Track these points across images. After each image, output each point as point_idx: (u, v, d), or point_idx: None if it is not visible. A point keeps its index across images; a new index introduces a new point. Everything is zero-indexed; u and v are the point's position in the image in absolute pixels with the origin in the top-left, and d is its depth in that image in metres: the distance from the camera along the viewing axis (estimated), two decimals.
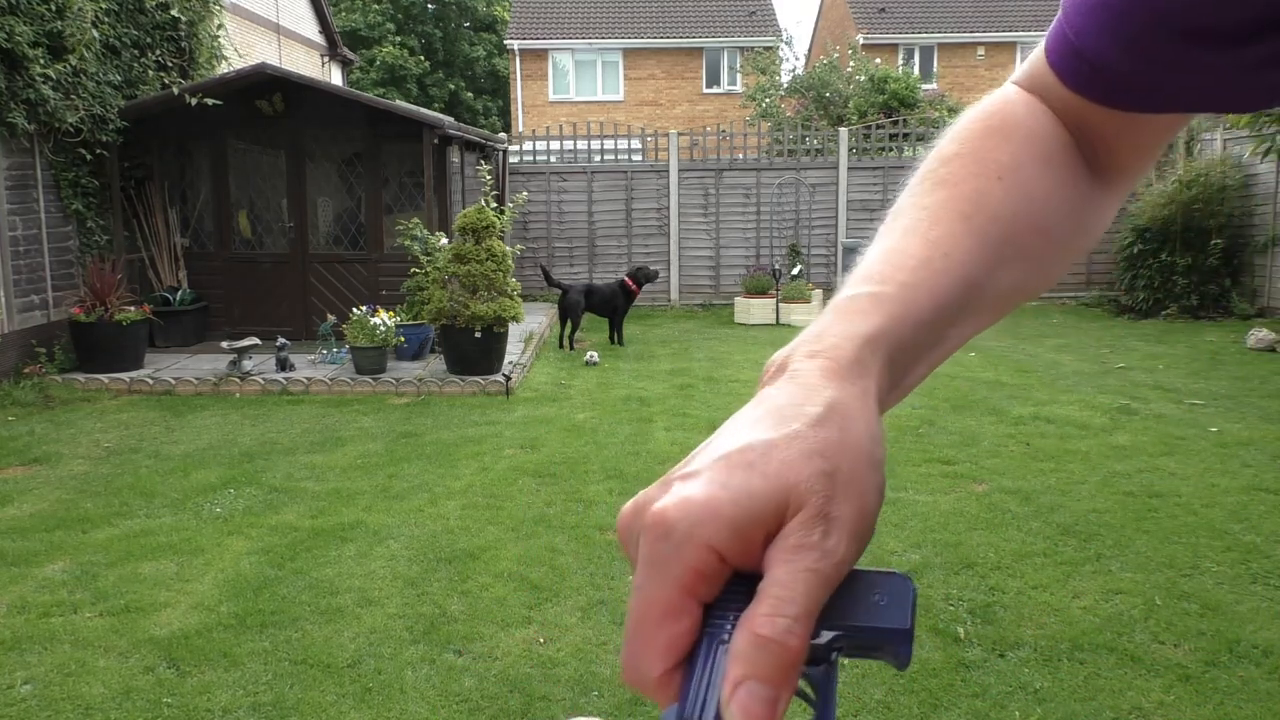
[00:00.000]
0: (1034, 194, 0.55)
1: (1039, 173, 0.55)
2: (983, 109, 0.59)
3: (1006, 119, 0.57)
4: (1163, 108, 0.56)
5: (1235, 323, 11.32)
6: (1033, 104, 0.59)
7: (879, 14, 26.70)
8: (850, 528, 0.37)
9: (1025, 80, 0.61)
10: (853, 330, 0.43)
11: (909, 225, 0.51)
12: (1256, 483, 5.30)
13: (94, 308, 8.23)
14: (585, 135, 13.77)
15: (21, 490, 5.39)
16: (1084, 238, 0.60)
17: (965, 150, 0.55)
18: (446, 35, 36.66)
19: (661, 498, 0.37)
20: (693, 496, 0.37)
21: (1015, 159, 0.55)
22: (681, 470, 0.39)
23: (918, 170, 0.56)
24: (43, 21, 7.95)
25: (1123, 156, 0.61)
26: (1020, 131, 0.57)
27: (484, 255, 7.99)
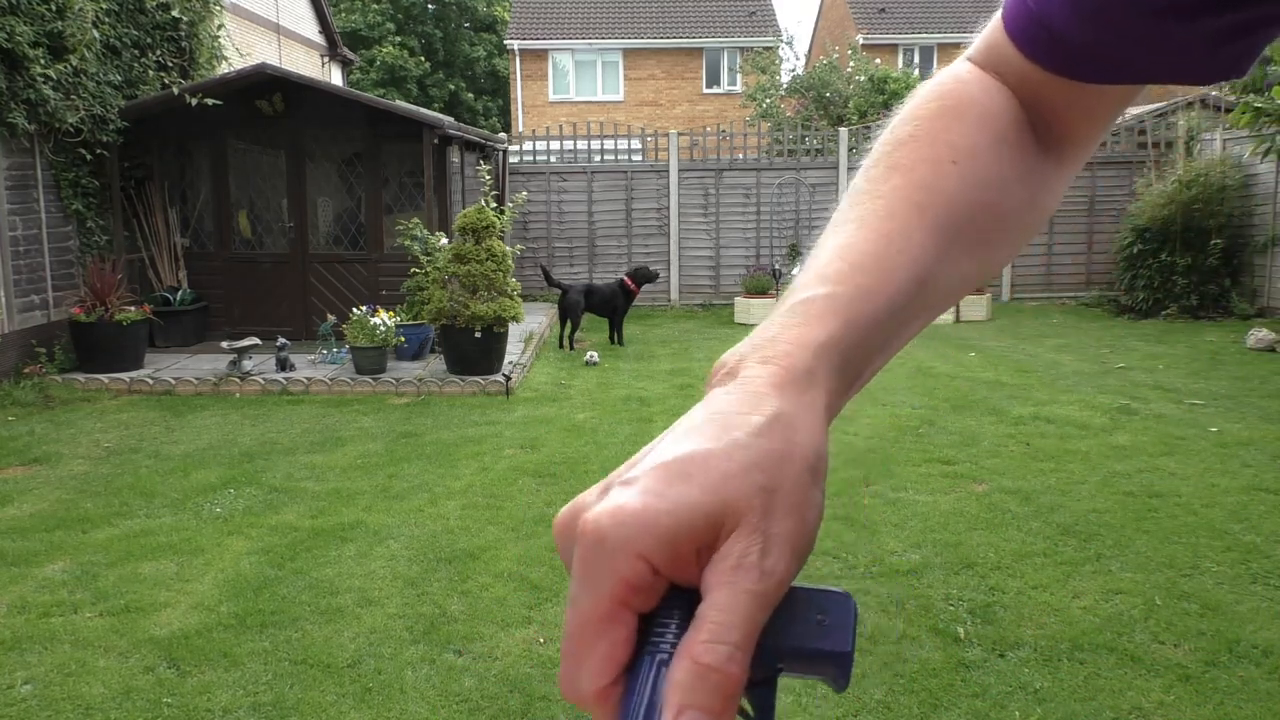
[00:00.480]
0: (989, 178, 0.54)
1: (994, 155, 0.55)
2: (936, 87, 0.57)
3: (961, 98, 0.56)
4: (1124, 79, 0.56)
5: (1235, 323, 11.32)
6: (986, 80, 0.58)
7: (879, 14, 26.70)
8: (790, 545, 0.36)
9: (979, 55, 0.59)
10: (806, 337, 0.42)
11: (864, 216, 0.50)
12: (1256, 483, 5.30)
13: (94, 308, 8.23)
14: (585, 135, 13.77)
15: (21, 490, 5.39)
16: (1036, 217, 0.60)
17: (920, 132, 0.54)
18: (447, 35, 36.66)
19: (597, 504, 0.37)
20: (627, 505, 0.36)
21: (970, 141, 0.54)
22: (622, 475, 0.38)
23: (873, 149, 0.55)
24: (43, 21, 7.95)
25: (1076, 127, 0.60)
26: (974, 111, 0.55)
27: (484, 255, 7.99)
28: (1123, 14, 0.51)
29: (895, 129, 0.55)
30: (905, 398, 7.47)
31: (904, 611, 3.74)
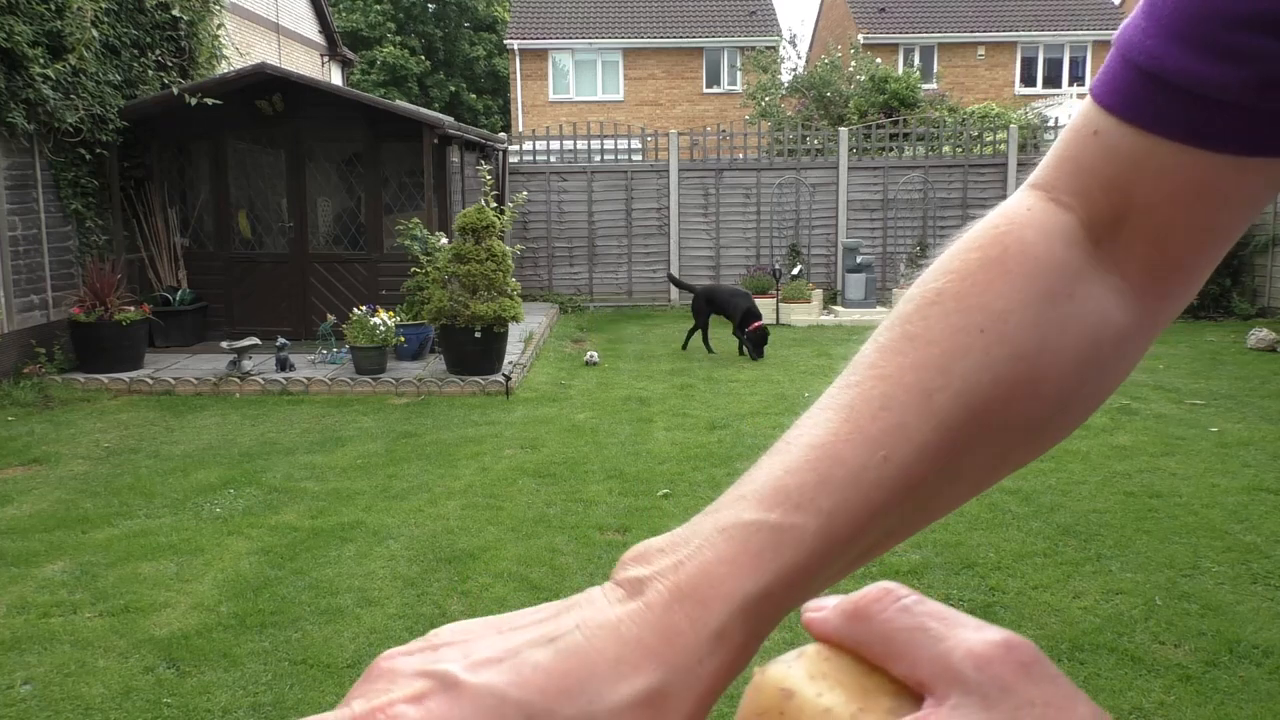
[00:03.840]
0: (1025, 348, 0.44)
1: (1039, 316, 0.45)
2: (984, 230, 0.48)
3: (1008, 246, 0.47)
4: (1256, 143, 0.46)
5: (1236, 323, 11.32)
6: (1048, 215, 0.48)
7: (879, 14, 26.70)
8: None
9: (1047, 176, 0.50)
10: (733, 587, 0.36)
11: (854, 403, 0.42)
12: (1257, 483, 5.30)
13: (94, 308, 8.23)
14: (585, 135, 13.77)
15: (21, 490, 5.39)
16: (1103, 381, 0.49)
17: (949, 289, 0.45)
18: (447, 35, 36.66)
19: (403, 695, 0.33)
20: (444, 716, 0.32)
21: (1009, 304, 0.44)
22: (458, 663, 0.34)
23: (903, 301, 0.46)
24: (42, 21, 7.94)
25: (1177, 248, 0.49)
26: (1024, 263, 0.46)
27: (484, 255, 7.99)
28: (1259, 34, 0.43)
29: (926, 282, 0.47)
30: None
31: None
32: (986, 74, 26.09)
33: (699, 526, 0.38)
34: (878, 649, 0.29)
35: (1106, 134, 0.48)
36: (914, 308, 0.45)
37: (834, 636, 0.30)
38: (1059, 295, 0.46)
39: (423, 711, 0.32)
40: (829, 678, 0.29)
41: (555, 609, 0.36)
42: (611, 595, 0.36)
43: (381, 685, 0.34)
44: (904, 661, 0.28)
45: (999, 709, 0.26)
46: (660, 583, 0.36)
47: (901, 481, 0.40)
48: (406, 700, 0.33)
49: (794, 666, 0.30)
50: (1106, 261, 0.48)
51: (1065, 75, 26.22)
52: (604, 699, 0.33)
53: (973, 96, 23.57)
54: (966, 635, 0.27)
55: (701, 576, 0.36)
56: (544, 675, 0.33)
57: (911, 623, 0.28)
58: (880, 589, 0.29)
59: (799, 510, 0.38)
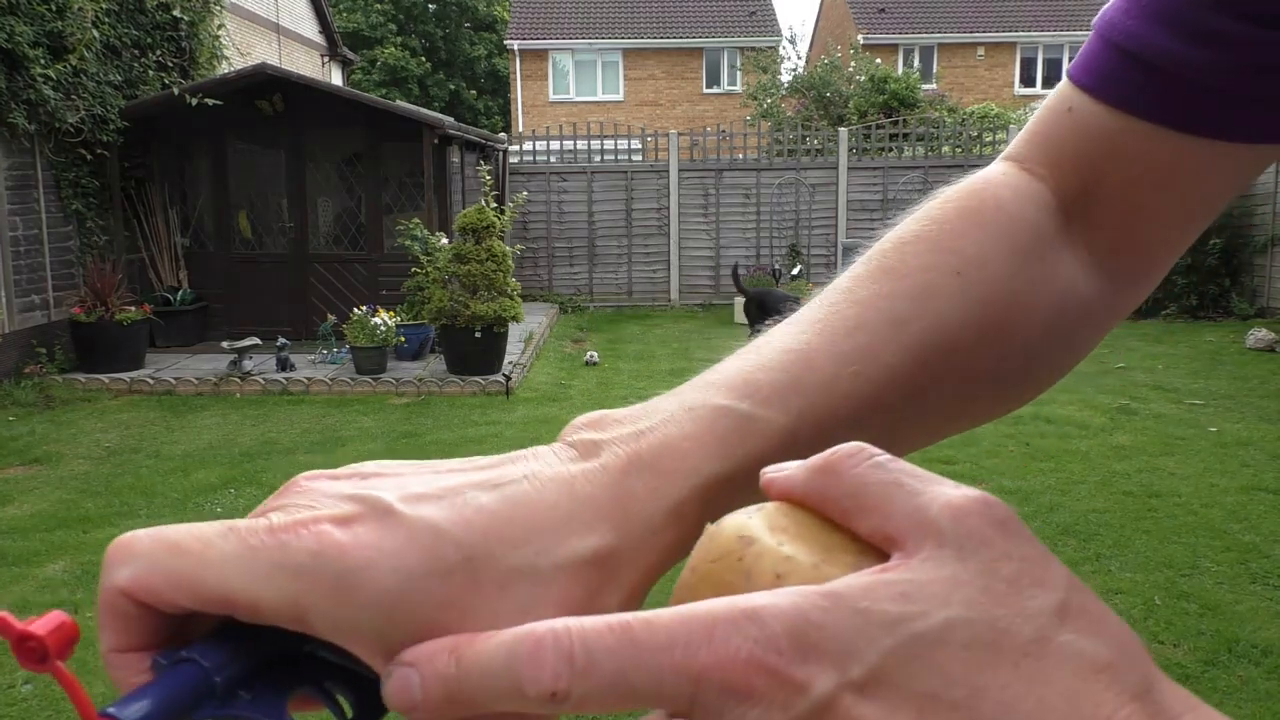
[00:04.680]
0: (998, 296, 0.44)
1: (1010, 269, 0.45)
2: (960, 186, 0.49)
3: (985, 200, 0.47)
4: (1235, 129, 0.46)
5: (1234, 323, 11.32)
6: (1020, 182, 0.49)
7: (879, 14, 26.70)
8: None
9: (1020, 149, 0.51)
10: (697, 465, 0.35)
11: (827, 320, 0.41)
12: (1255, 482, 5.31)
13: (94, 308, 8.23)
14: (585, 135, 13.77)
15: (22, 490, 5.40)
16: (1064, 354, 0.50)
17: (926, 234, 0.45)
18: (447, 35, 36.67)
19: (329, 511, 0.31)
20: (344, 549, 0.30)
21: (984, 250, 0.45)
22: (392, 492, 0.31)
23: (878, 242, 0.46)
24: (43, 21, 7.95)
25: (1144, 229, 0.49)
26: (1001, 214, 0.47)
27: (484, 255, 8.00)
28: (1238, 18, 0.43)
29: (903, 226, 0.47)
30: None
31: None
32: (986, 74, 26.10)
33: (661, 404, 0.37)
34: (845, 504, 0.28)
35: (1081, 112, 0.48)
36: (891, 246, 0.45)
37: (796, 492, 0.29)
38: (1031, 254, 0.46)
39: (349, 536, 0.30)
40: (789, 531, 0.28)
41: (497, 459, 0.34)
42: (563, 454, 0.34)
43: (303, 501, 0.31)
44: (874, 516, 0.27)
45: (975, 560, 0.25)
46: (619, 448, 0.34)
47: (870, 400, 0.40)
48: (333, 521, 0.30)
49: (753, 518, 0.29)
50: (1076, 237, 0.48)
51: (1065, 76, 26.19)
52: (551, 553, 0.31)
53: (972, 97, 23.58)
54: (943, 490, 0.27)
55: (664, 448, 0.35)
56: (487, 518, 0.31)
57: (885, 477, 0.27)
58: (853, 446, 0.28)
59: (768, 405, 0.37)
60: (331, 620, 0.29)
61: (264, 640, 0.31)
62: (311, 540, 0.29)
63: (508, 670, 0.26)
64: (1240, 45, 0.44)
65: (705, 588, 0.28)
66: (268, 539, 0.29)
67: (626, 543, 0.33)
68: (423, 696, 0.28)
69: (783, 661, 0.24)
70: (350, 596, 0.29)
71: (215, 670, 0.30)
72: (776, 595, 0.25)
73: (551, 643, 0.25)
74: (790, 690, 0.24)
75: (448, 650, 0.28)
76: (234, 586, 0.29)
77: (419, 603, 0.29)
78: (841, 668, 0.24)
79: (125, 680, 0.31)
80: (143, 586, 0.30)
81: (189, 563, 0.29)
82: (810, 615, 0.24)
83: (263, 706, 0.31)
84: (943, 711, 0.23)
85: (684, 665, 0.24)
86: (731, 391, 0.37)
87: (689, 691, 0.24)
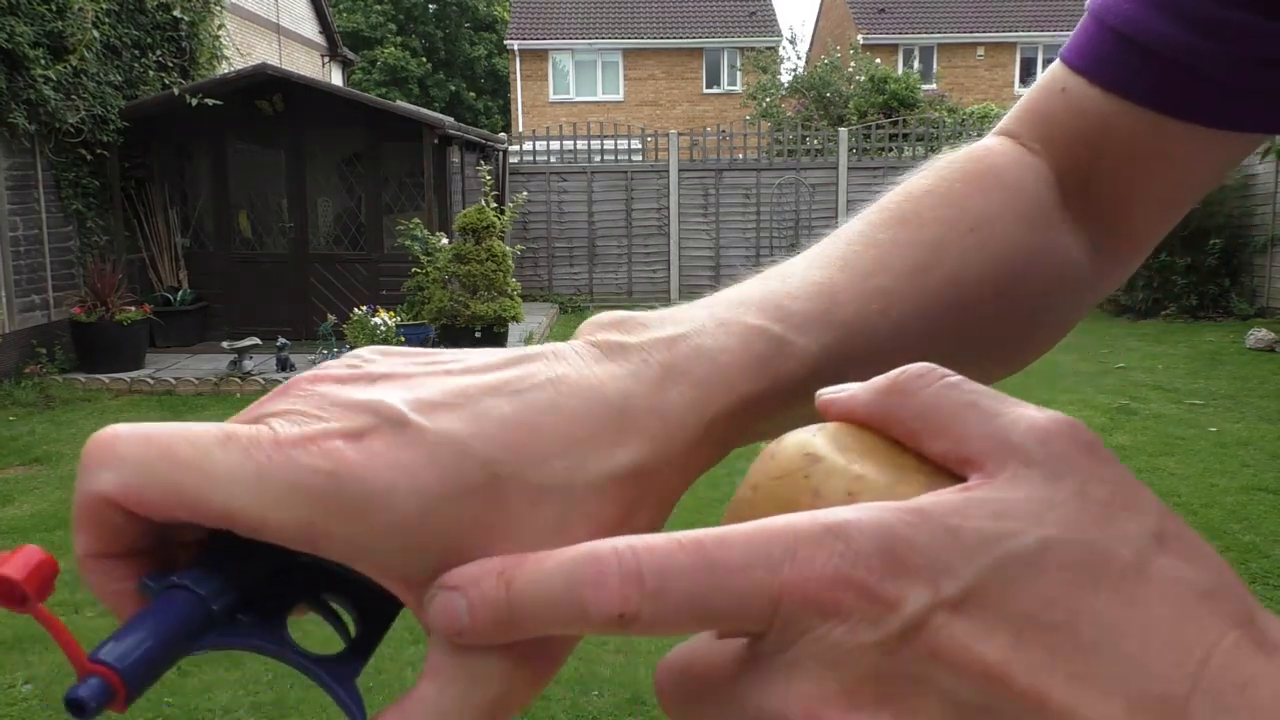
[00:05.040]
0: (1008, 256, 0.44)
1: (1018, 232, 0.45)
2: (960, 153, 0.48)
3: (989, 165, 0.47)
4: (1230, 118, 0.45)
5: (1234, 323, 11.32)
6: (1019, 154, 0.49)
7: (879, 14, 26.72)
8: None
9: (1012, 125, 0.50)
10: (734, 380, 0.33)
11: (849, 259, 0.40)
12: (1255, 483, 5.31)
13: (94, 308, 8.24)
14: (585, 135, 13.77)
15: (22, 490, 5.40)
16: (1057, 323, 0.50)
17: (937, 189, 0.44)
18: (447, 36, 36.69)
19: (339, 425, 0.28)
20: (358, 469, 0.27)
21: (992, 211, 0.44)
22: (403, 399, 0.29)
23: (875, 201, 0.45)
24: (43, 22, 7.96)
25: (1138, 211, 0.50)
26: (1003, 180, 0.46)
27: (484, 255, 8.01)
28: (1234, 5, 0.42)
29: (909, 182, 0.45)
30: None
31: None
32: (986, 74, 26.11)
33: (691, 312, 0.35)
34: (914, 425, 0.26)
35: (1074, 92, 0.48)
36: (902, 197, 0.44)
37: (859, 412, 0.27)
38: (1035, 223, 0.46)
39: (363, 452, 0.27)
40: (855, 450, 0.27)
41: (513, 357, 0.31)
42: (587, 354, 0.32)
43: (308, 408, 0.28)
44: (948, 438, 0.26)
45: (1065, 482, 0.24)
46: (652, 354, 0.32)
47: (887, 343, 0.38)
48: (345, 436, 0.27)
49: (817, 436, 0.27)
50: (1072, 213, 0.48)
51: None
52: (584, 468, 0.29)
53: (972, 97, 23.58)
54: (1025, 411, 0.25)
55: (701, 359, 0.32)
56: (512, 430, 0.29)
57: (960, 398, 0.26)
58: (921, 366, 0.27)
59: (800, 332, 0.35)
60: (346, 545, 0.27)
61: (256, 554, 0.28)
62: (324, 459, 0.27)
63: (568, 593, 0.25)
64: (1241, 35, 0.43)
65: (768, 505, 0.27)
66: (275, 455, 0.27)
67: (661, 458, 0.30)
68: (470, 622, 0.27)
69: (873, 578, 0.23)
70: (368, 521, 0.27)
71: (212, 597, 0.28)
72: (860, 510, 0.24)
73: (616, 563, 0.24)
74: (881, 607, 0.23)
75: (495, 573, 0.26)
76: (239, 505, 0.26)
77: (441, 526, 0.27)
78: (934, 585, 0.23)
79: (103, 587, 0.29)
80: (132, 495, 0.27)
81: (187, 475, 0.26)
82: (899, 530, 0.23)
83: (263, 630, 0.29)
84: (1041, 634, 0.22)
85: (765, 583, 0.23)
86: (763, 313, 0.35)
87: (769, 610, 0.23)
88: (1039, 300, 0.47)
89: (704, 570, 0.24)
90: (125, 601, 0.29)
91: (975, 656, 0.22)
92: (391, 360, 0.31)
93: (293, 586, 0.30)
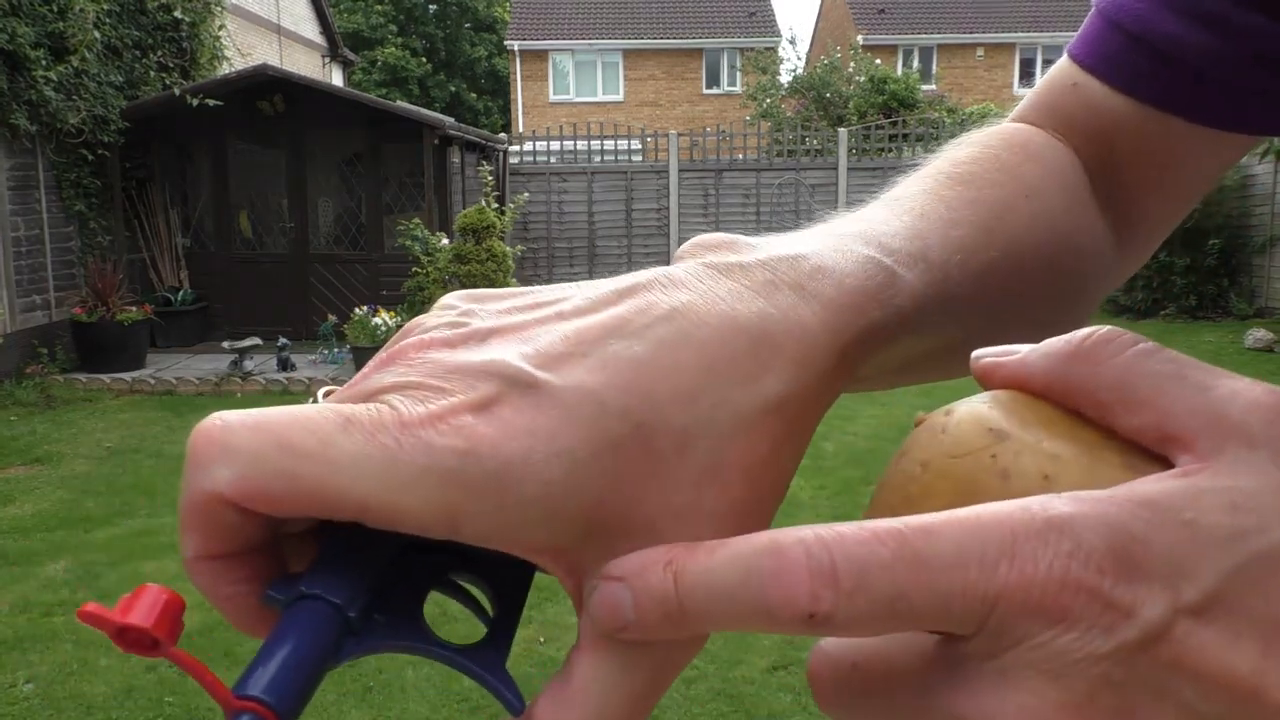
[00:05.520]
0: (1058, 228, 0.43)
1: (1064, 206, 0.44)
2: (992, 129, 0.47)
3: (1028, 141, 0.46)
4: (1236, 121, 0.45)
5: (1233, 323, 11.33)
6: (1046, 135, 0.47)
7: (878, 15, 26.72)
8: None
9: (1031, 114, 0.49)
10: (863, 303, 0.30)
11: (924, 210, 0.37)
12: None
13: (95, 308, 8.25)
14: (585, 136, 13.78)
15: (24, 490, 5.41)
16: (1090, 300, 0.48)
17: (987, 156, 0.42)
18: (448, 36, 36.70)
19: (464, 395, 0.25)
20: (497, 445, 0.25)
21: (1042, 182, 0.43)
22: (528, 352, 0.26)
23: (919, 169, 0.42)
24: (45, 23, 7.97)
25: (1150, 205, 0.49)
26: (1044, 155, 0.45)
27: (484, 255, 8.02)
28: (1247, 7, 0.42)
29: (953, 151, 0.43)
30: (905, 397, 7.49)
31: None
32: (985, 75, 26.11)
33: (803, 236, 0.33)
34: (1104, 396, 0.24)
35: (1085, 89, 0.47)
36: (952, 165, 0.41)
37: (1036, 379, 0.25)
38: (1076, 197, 0.45)
39: (495, 423, 0.25)
40: (1038, 424, 0.24)
41: (620, 287, 0.29)
42: (706, 276, 0.28)
43: (427, 380, 0.26)
44: (1147, 411, 0.23)
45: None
46: (777, 272, 0.29)
47: (970, 287, 0.36)
48: (472, 409, 0.25)
49: (991, 409, 0.25)
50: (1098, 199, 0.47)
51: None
52: (729, 403, 0.26)
53: (972, 97, 23.58)
54: (1242, 385, 0.23)
55: (828, 279, 0.29)
56: (648, 373, 0.26)
57: (1160, 368, 0.23)
58: (1109, 330, 0.25)
59: (906, 268, 0.32)
60: (489, 525, 0.25)
61: (375, 541, 0.26)
62: (456, 437, 0.24)
63: (745, 589, 0.22)
64: (1248, 36, 0.43)
65: (945, 486, 0.24)
66: (404, 437, 0.24)
67: (804, 385, 0.27)
68: (636, 617, 0.24)
69: (1106, 582, 0.21)
70: (510, 496, 0.24)
71: (347, 604, 0.25)
72: (1083, 502, 0.21)
73: (805, 557, 0.22)
74: (1115, 614, 0.20)
75: (662, 564, 0.24)
76: (372, 496, 0.24)
77: (588, 487, 0.25)
78: (1174, 589, 0.20)
79: (216, 590, 0.26)
80: (251, 491, 0.24)
81: (310, 466, 0.24)
82: (1132, 528, 0.21)
83: (402, 629, 0.27)
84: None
85: (979, 584, 0.21)
86: (870, 245, 0.32)
87: (982, 614, 0.21)
88: (1079, 277, 0.45)
89: (908, 567, 0.21)
90: (238, 605, 0.27)
91: (1223, 668, 0.20)
92: (492, 308, 0.28)
93: (418, 571, 0.28)
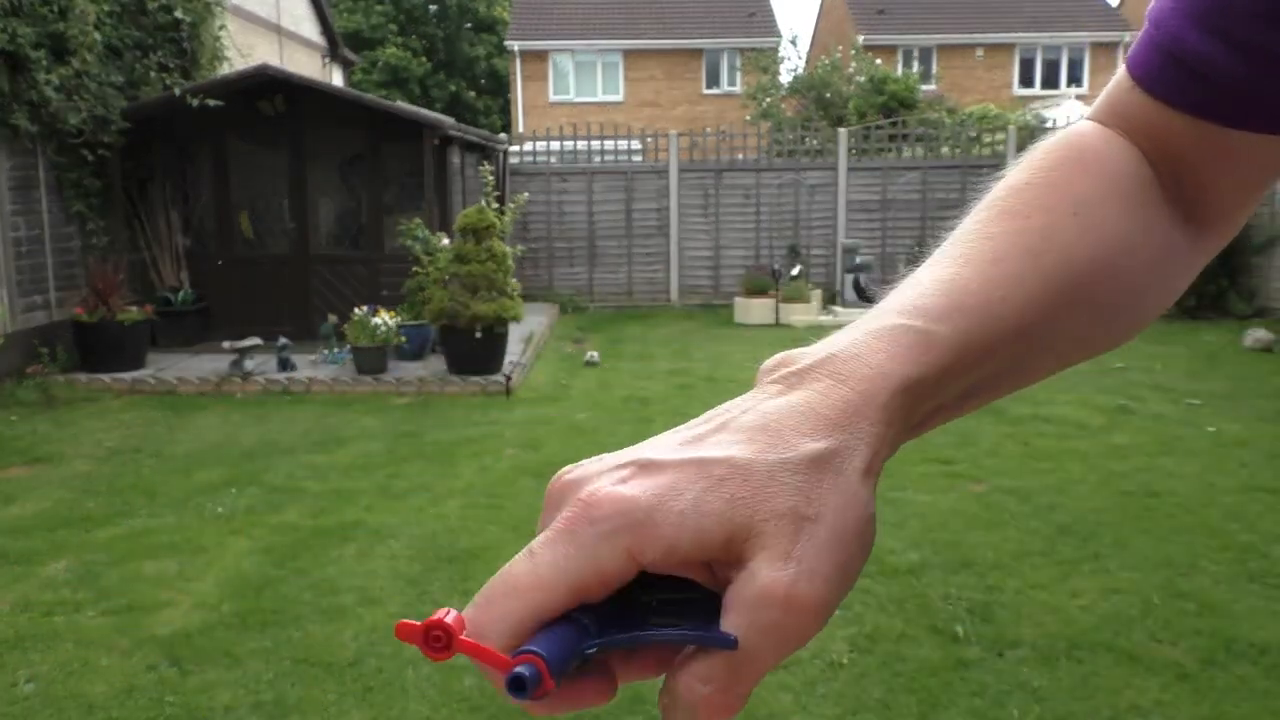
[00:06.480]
0: (1112, 236, 0.47)
1: (1119, 212, 0.48)
2: (1056, 138, 0.52)
3: (1085, 150, 0.50)
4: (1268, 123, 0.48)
5: (1232, 323, 11.33)
6: (1111, 136, 0.52)
7: (878, 15, 26.71)
8: (822, 578, 0.35)
9: (1101, 113, 0.53)
10: (892, 369, 0.39)
11: (969, 255, 0.44)
12: (1253, 482, 5.32)
13: (96, 308, 8.25)
14: (585, 136, 13.78)
15: (24, 490, 5.41)
16: (1163, 293, 0.52)
17: (1038, 180, 0.48)
18: (448, 36, 36.68)
19: (610, 481, 0.36)
20: (638, 498, 0.35)
21: (1093, 194, 0.47)
22: (649, 453, 0.37)
23: (981, 200, 0.49)
24: (45, 23, 7.97)
25: (1219, 194, 0.52)
26: (1098, 162, 0.49)
27: (485, 255, 8.01)
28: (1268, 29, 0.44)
29: (1011, 177, 0.49)
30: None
31: (903, 610, 3.76)
32: (985, 75, 26.10)
33: (839, 336, 0.41)
34: None
35: (1139, 95, 0.51)
36: (1004, 194, 0.48)
37: None
38: (1136, 200, 0.49)
39: (635, 486, 0.35)
40: None
41: (706, 420, 0.39)
42: (771, 390, 0.40)
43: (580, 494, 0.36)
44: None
45: None
46: (820, 371, 0.39)
47: (1015, 322, 0.43)
48: (612, 484, 0.36)
49: None
50: (1166, 192, 0.51)
51: (1063, 77, 26.24)
52: (796, 449, 0.36)
53: (971, 98, 23.57)
54: None
55: (860, 364, 0.39)
56: (738, 440, 0.37)
57: None
58: None
59: (940, 322, 0.41)
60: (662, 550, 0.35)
61: (598, 601, 0.36)
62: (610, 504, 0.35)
63: None
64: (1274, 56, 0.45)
65: None
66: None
67: (853, 440, 0.37)
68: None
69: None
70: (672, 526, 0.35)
71: (584, 614, 0.36)
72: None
73: None
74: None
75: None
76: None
77: (712, 509, 0.35)
78: None
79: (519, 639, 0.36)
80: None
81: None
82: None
83: (622, 631, 0.36)
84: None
85: None
86: (903, 314, 0.41)
87: None
88: (1146, 276, 0.50)
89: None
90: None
91: None
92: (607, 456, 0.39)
93: (633, 604, 0.37)
